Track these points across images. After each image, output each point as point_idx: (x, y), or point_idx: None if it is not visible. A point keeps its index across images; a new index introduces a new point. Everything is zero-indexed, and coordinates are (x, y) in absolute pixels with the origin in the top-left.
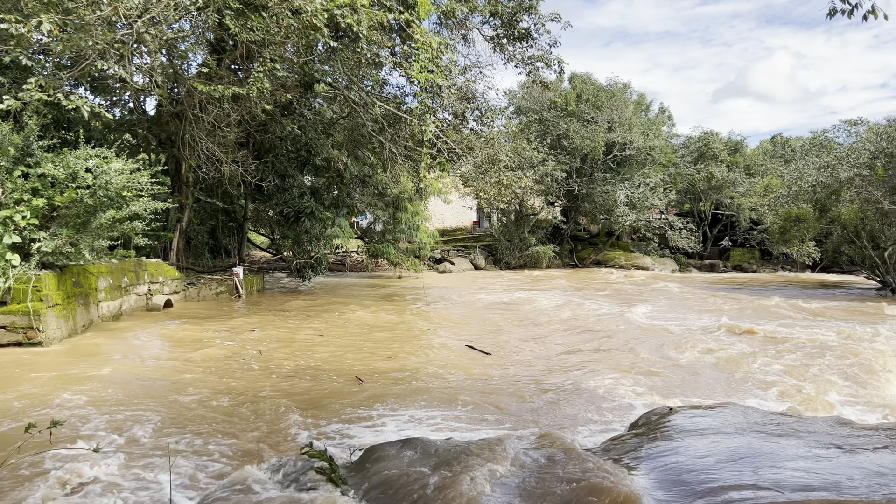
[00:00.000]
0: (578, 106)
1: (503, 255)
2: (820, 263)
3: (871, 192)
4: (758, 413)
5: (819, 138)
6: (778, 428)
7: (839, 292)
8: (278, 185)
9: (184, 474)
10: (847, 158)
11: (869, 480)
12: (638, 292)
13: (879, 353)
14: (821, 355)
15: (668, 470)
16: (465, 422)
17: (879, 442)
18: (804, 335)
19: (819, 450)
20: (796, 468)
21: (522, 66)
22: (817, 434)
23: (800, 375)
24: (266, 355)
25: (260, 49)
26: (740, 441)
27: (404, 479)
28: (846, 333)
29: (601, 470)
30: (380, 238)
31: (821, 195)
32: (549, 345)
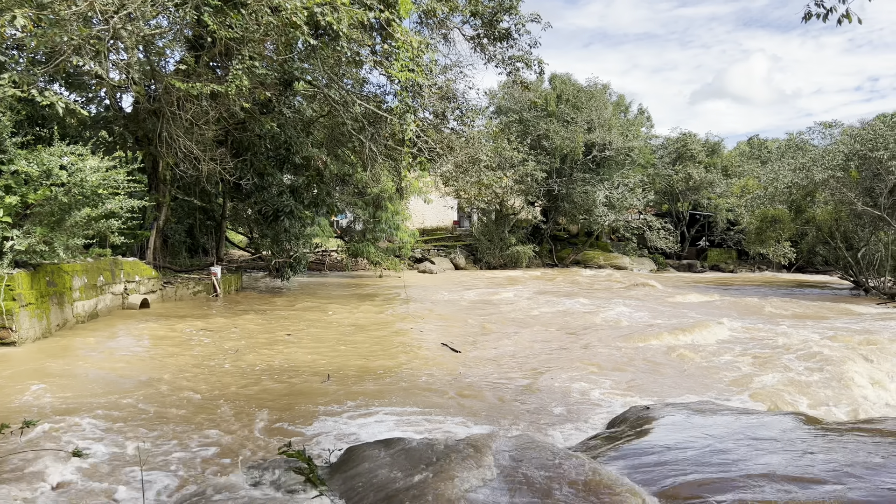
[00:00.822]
0: (558, 106)
1: (484, 255)
2: (795, 264)
3: (845, 193)
4: (731, 411)
5: (795, 140)
6: (750, 424)
7: (814, 292)
8: (257, 184)
9: (155, 479)
10: (822, 160)
11: (834, 474)
12: (615, 291)
13: (848, 353)
14: (792, 355)
15: (643, 466)
16: (444, 421)
17: (842, 439)
18: (779, 335)
19: (788, 444)
20: (766, 462)
21: (503, 66)
22: (786, 430)
23: (771, 374)
24: (241, 355)
25: (239, 46)
26: (713, 438)
27: (385, 480)
28: (821, 334)
29: (582, 466)
30: (360, 237)
31: (796, 196)
32: (528, 343)
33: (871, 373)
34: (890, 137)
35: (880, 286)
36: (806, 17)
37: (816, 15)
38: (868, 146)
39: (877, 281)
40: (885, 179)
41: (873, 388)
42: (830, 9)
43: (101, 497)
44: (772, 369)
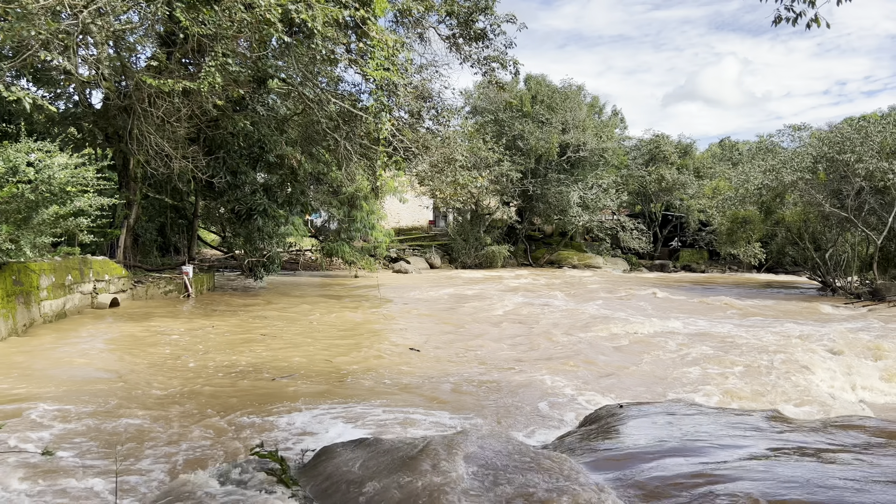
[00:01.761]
0: (533, 107)
1: (459, 255)
2: (765, 264)
3: (814, 195)
4: (703, 409)
5: (765, 142)
6: (719, 421)
7: (783, 292)
8: (230, 182)
9: (121, 480)
10: (791, 162)
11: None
12: (588, 291)
13: (813, 352)
14: (761, 353)
15: (615, 463)
16: (415, 420)
17: (810, 436)
18: (748, 334)
19: (754, 440)
20: (734, 457)
21: (478, 66)
22: (753, 427)
23: (740, 372)
24: (208, 354)
25: (212, 43)
26: (685, 436)
27: (359, 480)
28: (788, 333)
29: (555, 464)
30: (334, 237)
31: (766, 198)
32: (501, 343)
33: (836, 371)
34: (857, 140)
35: (847, 286)
36: (776, 21)
37: (786, 19)
38: (836, 149)
39: (843, 281)
40: (851, 182)
41: (839, 387)
42: (800, 13)
43: (66, 500)
44: (737, 367)
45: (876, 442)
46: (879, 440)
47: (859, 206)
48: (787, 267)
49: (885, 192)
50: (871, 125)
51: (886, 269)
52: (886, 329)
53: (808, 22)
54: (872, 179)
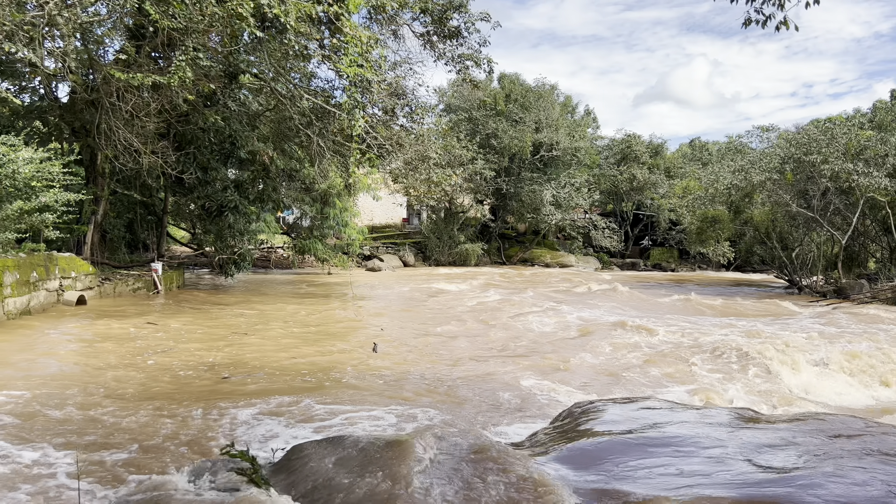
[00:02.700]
0: (507, 106)
1: (433, 253)
2: (734, 263)
3: (781, 195)
4: (673, 405)
5: (734, 143)
6: (688, 418)
7: (751, 290)
8: (200, 178)
9: (84, 483)
10: (759, 163)
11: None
12: (558, 289)
13: (779, 350)
14: (729, 351)
15: (583, 460)
16: (386, 417)
17: (773, 432)
18: (717, 331)
19: (722, 437)
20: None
21: (452, 64)
22: (721, 423)
23: (709, 369)
24: (175, 353)
25: (182, 37)
26: (653, 432)
27: (331, 478)
28: (756, 331)
29: (524, 462)
30: (307, 234)
31: (735, 197)
32: (469, 339)
33: (799, 368)
34: (823, 142)
35: (812, 285)
36: (746, 23)
37: (756, 21)
38: (802, 150)
39: (809, 280)
40: (818, 182)
41: (804, 383)
42: (769, 16)
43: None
44: (705, 364)
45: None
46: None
47: (825, 207)
48: (755, 266)
49: (850, 192)
50: (836, 127)
51: (851, 268)
52: (850, 328)
53: (777, 24)
54: (838, 180)
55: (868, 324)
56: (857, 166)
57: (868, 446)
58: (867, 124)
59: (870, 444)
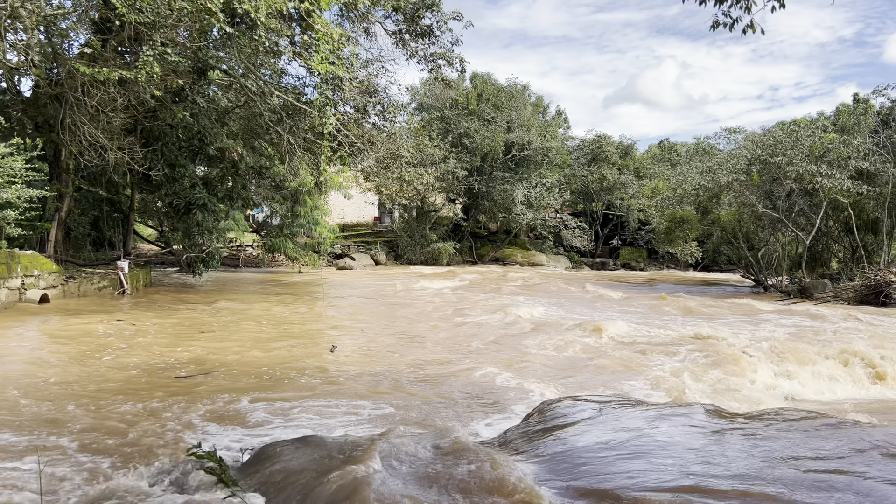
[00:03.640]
0: (479, 105)
1: (405, 252)
2: (701, 262)
3: (747, 196)
4: (637, 404)
5: (702, 144)
6: (654, 416)
7: (718, 289)
8: (168, 175)
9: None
10: (726, 164)
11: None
12: (528, 289)
13: (742, 349)
14: (693, 350)
15: (554, 457)
16: (354, 418)
17: (737, 428)
18: (682, 329)
19: (687, 434)
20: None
21: (425, 62)
22: (687, 420)
23: (673, 368)
24: (136, 351)
25: (150, 31)
26: (619, 430)
27: (299, 478)
28: (721, 329)
29: (492, 459)
30: (277, 232)
31: (703, 198)
32: (439, 339)
33: (764, 367)
34: (788, 144)
35: (778, 284)
36: (714, 26)
37: (724, 24)
38: (768, 152)
39: (775, 279)
40: (783, 184)
41: (766, 381)
42: (736, 19)
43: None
44: (669, 361)
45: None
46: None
47: (790, 208)
48: (722, 265)
49: (814, 194)
50: (801, 130)
51: (814, 268)
52: (813, 326)
53: (744, 27)
54: (802, 182)
55: (828, 322)
56: (821, 168)
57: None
58: (830, 127)
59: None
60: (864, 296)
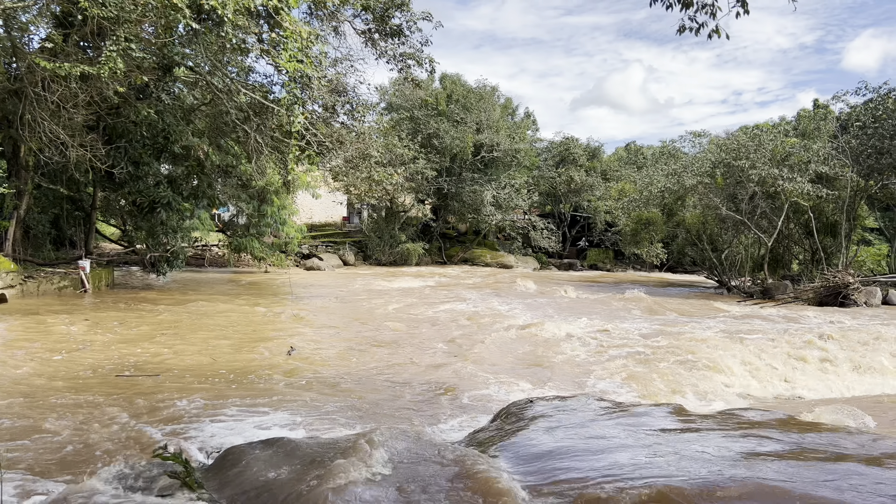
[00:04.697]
0: (449, 106)
1: (373, 252)
2: (667, 263)
3: (712, 198)
4: (604, 402)
5: (668, 147)
6: (617, 415)
7: (682, 290)
8: (131, 173)
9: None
10: (691, 167)
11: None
12: (496, 289)
13: (710, 348)
14: (660, 349)
15: (521, 456)
16: (321, 420)
17: (706, 427)
18: (646, 329)
19: (648, 434)
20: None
21: (394, 62)
22: (651, 421)
23: (642, 367)
24: (103, 353)
25: (113, 26)
26: (585, 428)
27: (266, 481)
28: (684, 328)
29: (469, 459)
30: (243, 232)
31: (668, 200)
32: (406, 339)
33: (729, 366)
34: (751, 148)
35: (740, 285)
36: (680, 30)
37: (690, 28)
38: (732, 155)
39: (738, 281)
40: (746, 187)
41: (728, 378)
42: (702, 24)
43: None
44: (633, 360)
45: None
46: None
47: (752, 210)
48: (686, 267)
49: (776, 197)
50: (763, 134)
51: (776, 269)
52: (773, 326)
53: (709, 32)
54: (764, 185)
55: (790, 322)
56: (783, 172)
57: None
58: (792, 132)
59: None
60: (824, 297)
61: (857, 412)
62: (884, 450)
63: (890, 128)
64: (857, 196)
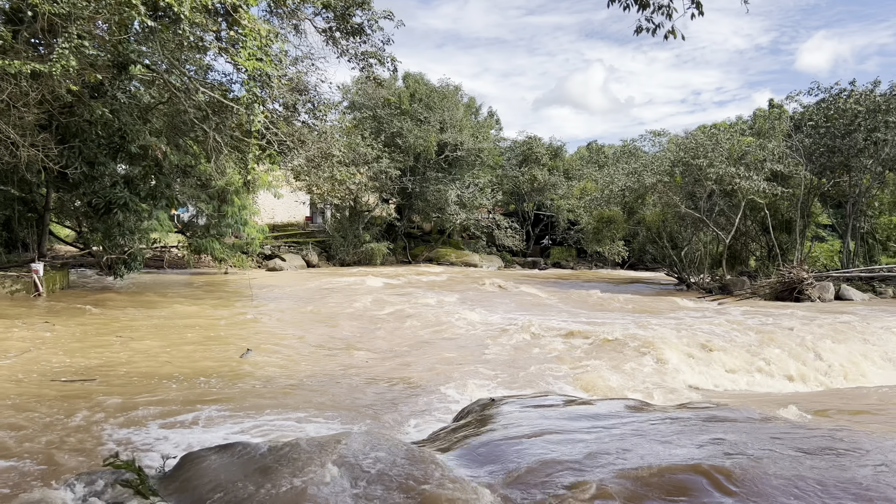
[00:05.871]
0: (412, 105)
1: (337, 252)
2: (628, 261)
3: (671, 196)
4: (564, 399)
5: (628, 146)
6: (578, 411)
7: (642, 287)
8: (86, 174)
9: None
10: (651, 166)
11: (616, 445)
12: (456, 288)
13: (670, 344)
14: (623, 346)
15: (482, 453)
16: (279, 423)
17: (658, 420)
18: (609, 327)
19: (601, 428)
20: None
21: (356, 61)
22: (611, 415)
23: (603, 362)
24: (53, 357)
25: (65, 23)
26: (548, 425)
27: (226, 487)
28: (643, 324)
29: (427, 459)
30: (203, 232)
31: (629, 199)
32: (367, 340)
33: (684, 360)
34: (709, 147)
35: (700, 282)
36: (637, 31)
37: (646, 29)
38: (690, 154)
39: (697, 277)
40: (704, 185)
41: (686, 374)
42: (658, 24)
43: None
44: (593, 357)
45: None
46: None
47: (711, 208)
48: (647, 264)
49: (733, 195)
50: (721, 133)
51: (734, 266)
52: (730, 321)
53: (665, 33)
54: (722, 183)
55: (750, 317)
56: (739, 170)
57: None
58: (748, 131)
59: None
60: (780, 292)
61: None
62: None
63: (841, 127)
64: (810, 194)
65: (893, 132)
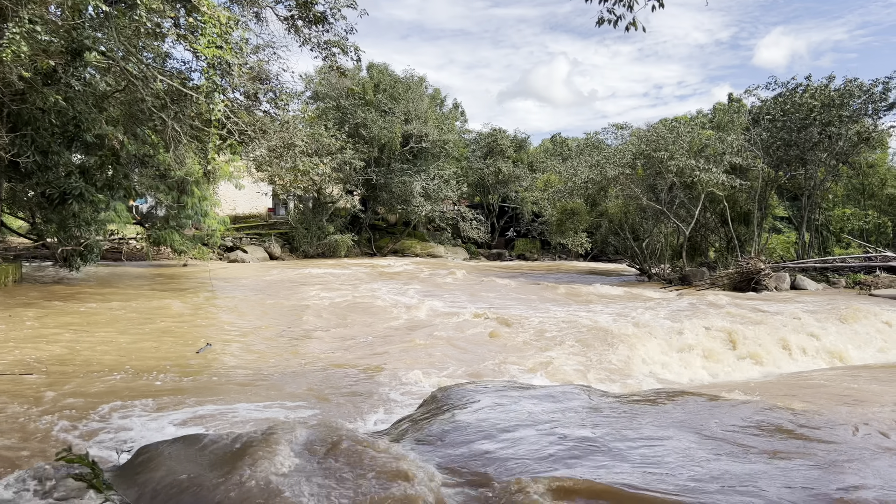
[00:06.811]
0: (376, 96)
1: (300, 244)
2: (591, 252)
3: (633, 189)
4: (527, 387)
5: (591, 139)
6: (540, 396)
7: (605, 278)
8: (39, 163)
9: None
10: (614, 158)
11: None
12: (423, 280)
13: (630, 334)
14: (585, 335)
15: (448, 442)
16: (235, 414)
17: (610, 405)
18: (573, 316)
19: (566, 412)
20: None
21: (319, 50)
22: (571, 402)
23: (561, 351)
24: (4, 351)
25: (16, 7)
26: (511, 412)
27: (182, 480)
28: (603, 313)
29: (383, 451)
30: (162, 224)
31: (592, 191)
32: (327, 332)
33: (643, 349)
34: (670, 139)
35: (661, 273)
36: (599, 22)
37: (608, 21)
38: (652, 147)
39: (658, 268)
40: (665, 177)
41: (646, 362)
42: (620, 16)
43: None
44: (554, 345)
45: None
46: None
47: (671, 200)
48: (610, 255)
49: (693, 187)
50: (681, 126)
51: (694, 257)
52: (690, 309)
53: (627, 25)
54: (682, 175)
55: (708, 307)
56: (699, 163)
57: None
58: (708, 124)
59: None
60: (738, 283)
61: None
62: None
63: (797, 121)
64: (767, 186)
65: (847, 126)
